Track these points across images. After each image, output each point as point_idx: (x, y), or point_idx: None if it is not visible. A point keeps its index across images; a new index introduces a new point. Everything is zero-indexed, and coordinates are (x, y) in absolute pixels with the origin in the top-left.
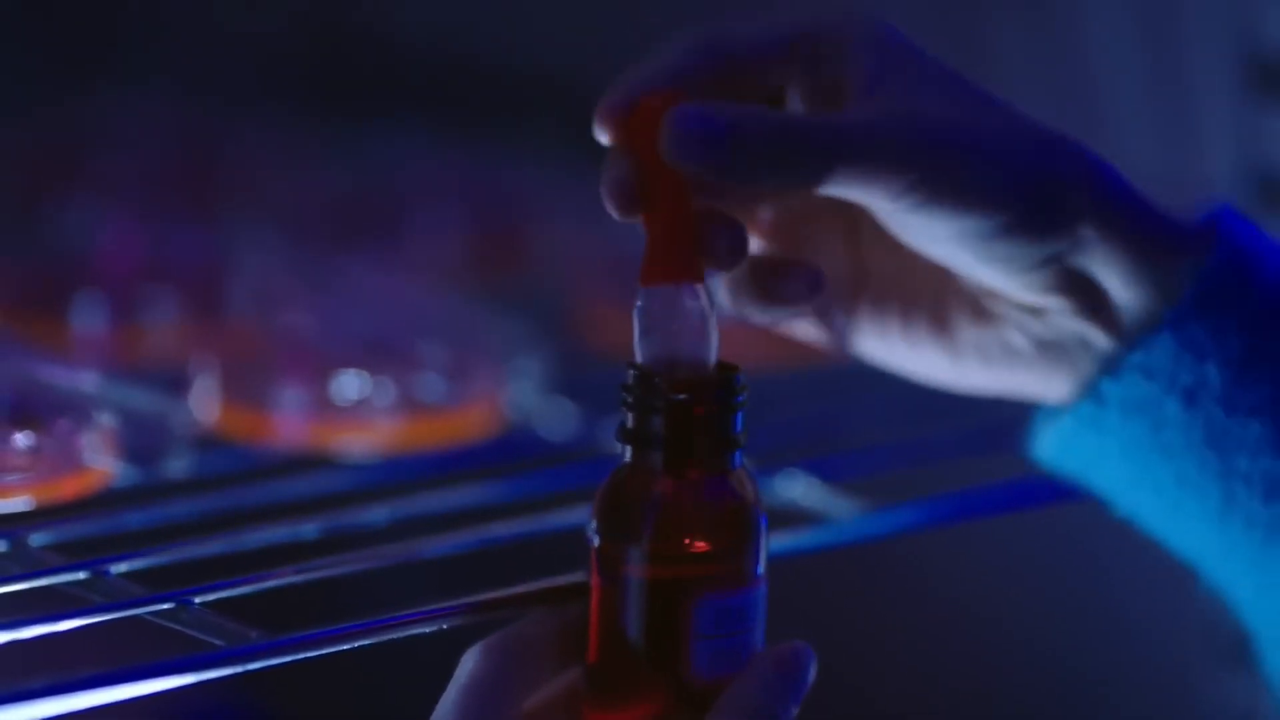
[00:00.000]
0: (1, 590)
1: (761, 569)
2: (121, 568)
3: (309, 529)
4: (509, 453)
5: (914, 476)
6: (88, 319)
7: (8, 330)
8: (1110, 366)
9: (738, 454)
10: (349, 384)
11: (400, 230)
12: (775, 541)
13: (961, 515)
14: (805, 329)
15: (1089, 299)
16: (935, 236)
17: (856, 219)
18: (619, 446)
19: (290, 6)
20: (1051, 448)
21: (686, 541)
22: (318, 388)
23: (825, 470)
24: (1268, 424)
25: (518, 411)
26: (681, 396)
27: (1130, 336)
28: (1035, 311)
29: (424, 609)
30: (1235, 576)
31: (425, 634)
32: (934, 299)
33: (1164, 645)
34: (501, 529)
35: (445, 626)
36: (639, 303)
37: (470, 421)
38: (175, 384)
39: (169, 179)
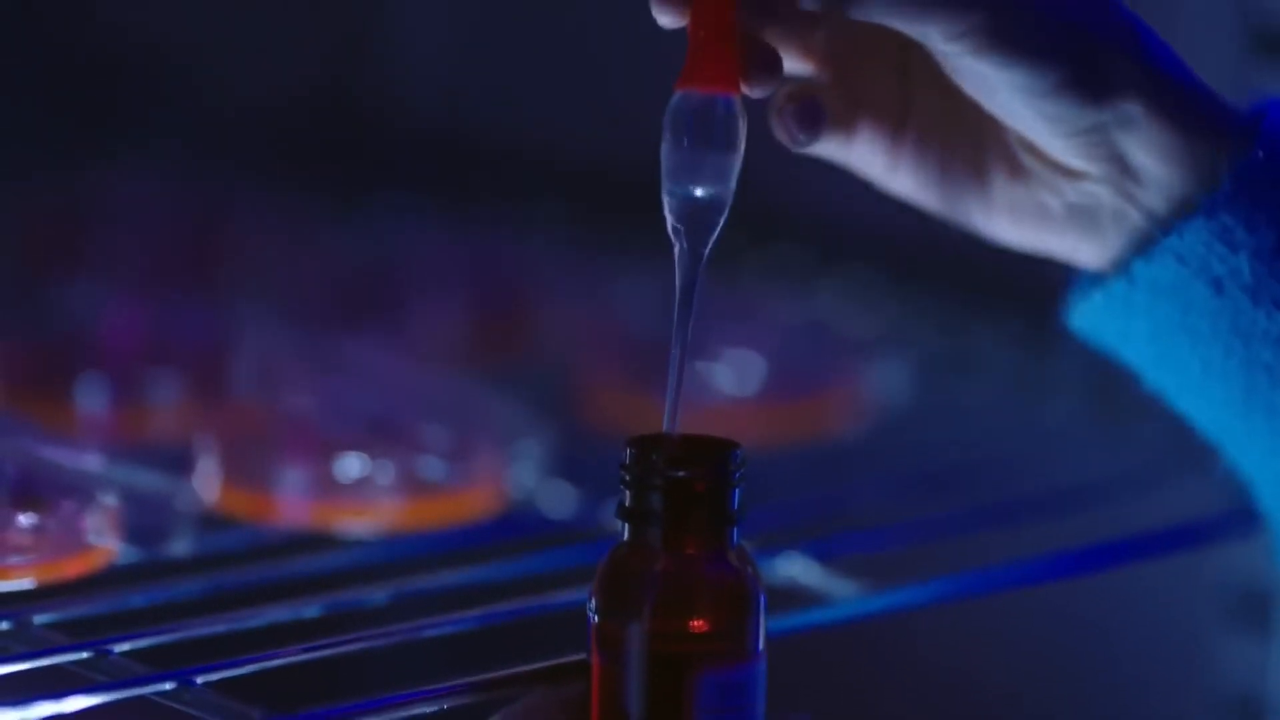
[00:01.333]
0: (5, 670)
1: (761, 644)
2: (124, 647)
3: (311, 608)
4: (511, 532)
5: (916, 555)
6: (91, 399)
7: (12, 410)
8: (1143, 247)
9: (736, 529)
10: (351, 464)
11: (403, 310)
12: (776, 621)
13: (959, 594)
14: (847, 155)
15: (1128, 173)
16: (988, 85)
17: (912, 56)
18: (618, 524)
19: (294, 85)
20: (1084, 319)
21: (687, 618)
22: (320, 467)
23: (826, 550)
24: None
25: (519, 491)
26: (680, 473)
27: (1165, 218)
28: (1073, 176)
29: (426, 688)
30: (1255, 461)
31: (427, 713)
32: (975, 147)
33: None
34: (503, 608)
35: (446, 706)
36: (672, 105)
37: (472, 501)
38: (178, 463)
39: (172, 258)
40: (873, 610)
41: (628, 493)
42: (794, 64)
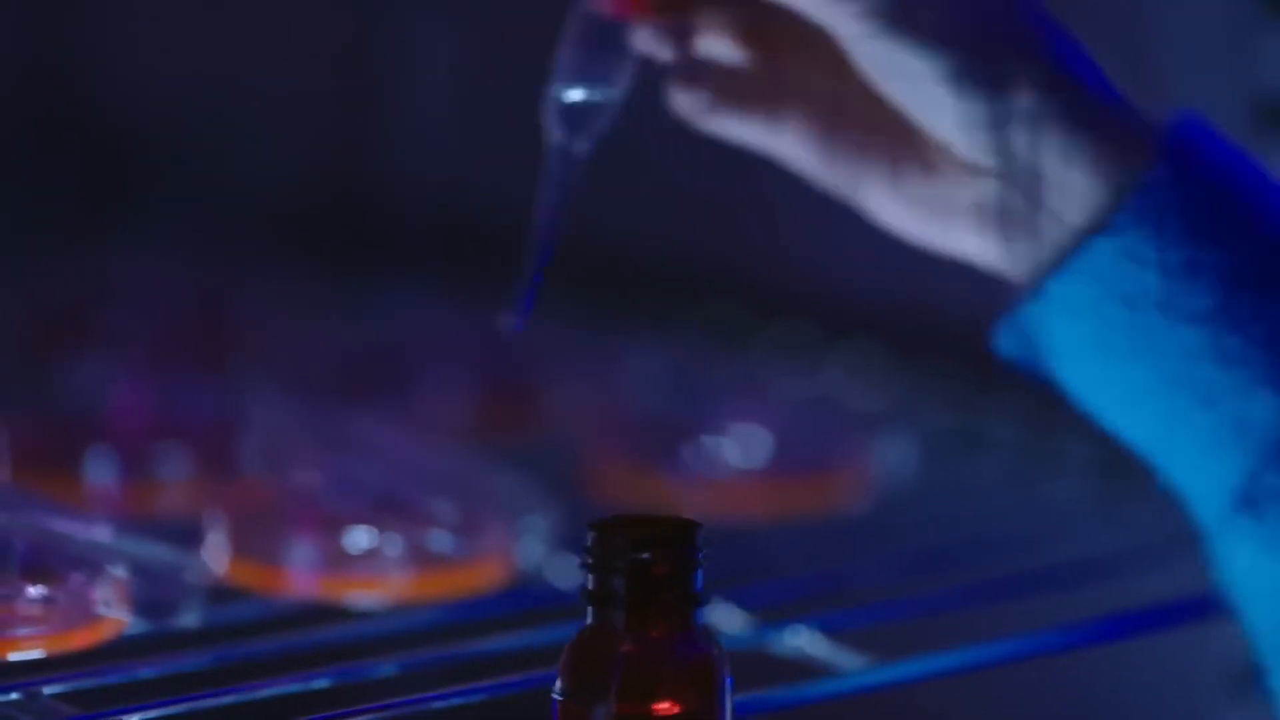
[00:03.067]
0: None
1: None
2: (134, 718)
3: (320, 679)
4: (519, 604)
5: (922, 629)
6: (100, 474)
7: (21, 484)
8: (1054, 265)
9: (700, 611)
10: (359, 537)
11: (409, 388)
12: (783, 693)
13: (966, 667)
14: (778, 147)
15: (1034, 175)
16: (890, 72)
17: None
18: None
19: (301, 166)
20: (1008, 343)
21: (652, 700)
22: (328, 540)
23: (833, 623)
24: (1207, 334)
25: (528, 564)
26: (643, 555)
27: (1075, 232)
28: (979, 173)
29: None
30: (1184, 478)
31: None
32: (890, 142)
33: None
34: (512, 679)
35: None
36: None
37: (480, 574)
38: (187, 537)
39: (180, 336)
40: (880, 682)
41: (589, 575)
42: (722, 48)
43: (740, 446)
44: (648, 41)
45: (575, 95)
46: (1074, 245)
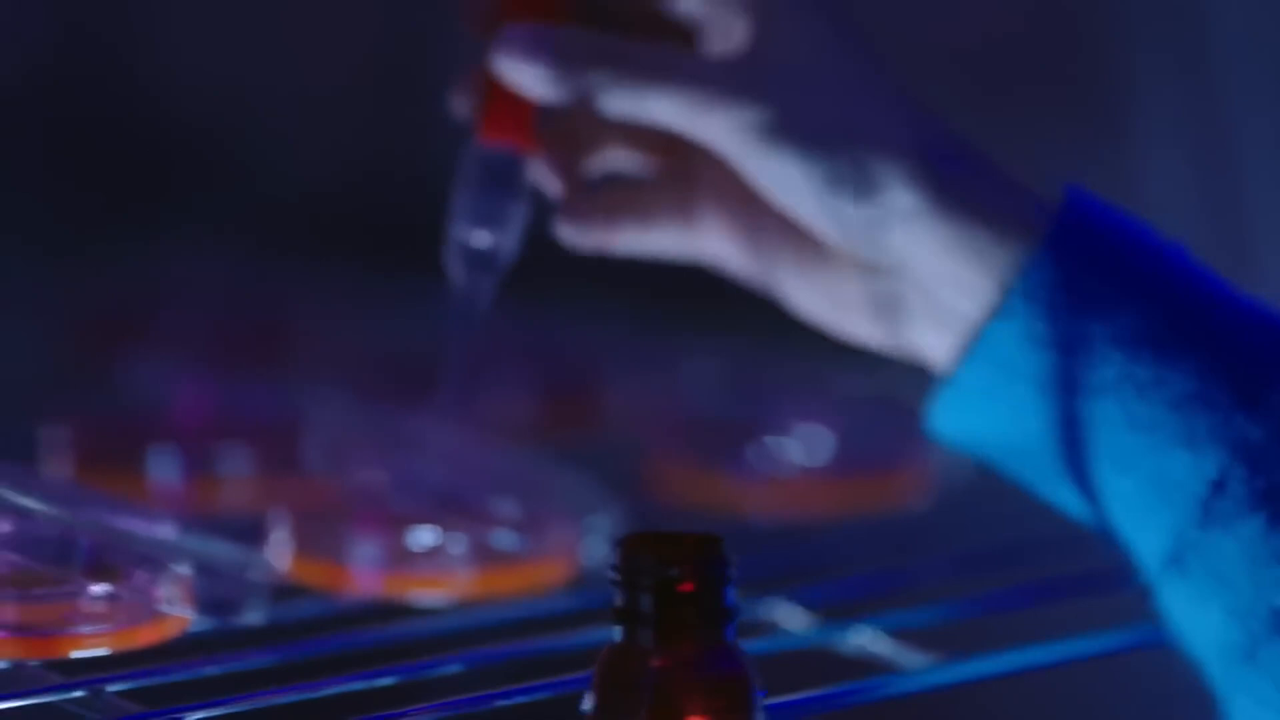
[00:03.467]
0: None
1: None
2: (197, 716)
3: (383, 678)
4: (582, 604)
5: (984, 628)
6: (162, 472)
7: (84, 482)
8: (961, 353)
9: (731, 626)
10: (423, 535)
11: (471, 388)
12: (846, 691)
13: (1033, 667)
14: (699, 248)
15: (920, 269)
16: (766, 180)
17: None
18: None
19: (356, 163)
20: (936, 425)
21: (682, 718)
22: (392, 538)
23: (895, 622)
24: (1115, 403)
25: (591, 562)
26: (671, 572)
27: (972, 321)
28: (870, 269)
29: None
30: (1119, 540)
31: None
32: (798, 237)
33: None
34: (576, 676)
35: None
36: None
37: (544, 572)
38: (250, 535)
39: (239, 334)
40: (944, 681)
41: (618, 593)
42: (623, 156)
43: (802, 445)
44: (541, 174)
45: (476, 239)
46: (973, 334)
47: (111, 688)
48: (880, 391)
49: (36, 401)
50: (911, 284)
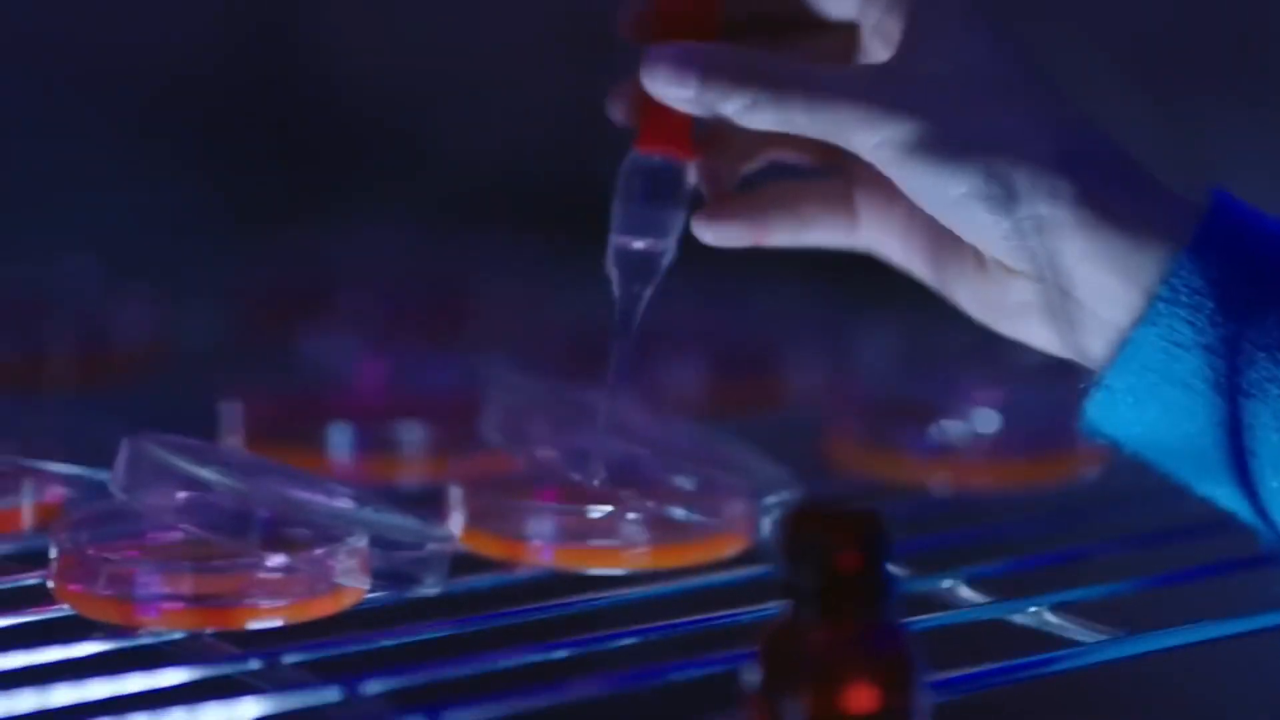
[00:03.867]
0: (255, 707)
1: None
2: (373, 686)
3: (559, 650)
4: (758, 577)
5: (1154, 602)
6: (341, 447)
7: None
8: (1110, 357)
9: (891, 602)
10: (598, 509)
11: (646, 365)
12: (1023, 665)
13: (1201, 640)
14: (863, 244)
15: (1065, 277)
16: (918, 192)
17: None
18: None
19: (534, 142)
20: (1091, 425)
21: (843, 695)
22: (568, 512)
23: (1069, 597)
24: (1262, 404)
25: (768, 539)
26: (832, 548)
27: (1118, 327)
28: (1020, 275)
29: None
30: (1270, 537)
31: None
32: (955, 243)
33: None
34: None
35: None
36: (625, 162)
37: (721, 545)
38: (426, 508)
39: (417, 310)
40: (1120, 655)
41: (783, 569)
42: (790, 152)
43: (978, 422)
44: (699, 178)
45: (635, 245)
46: (1119, 339)
47: (287, 659)
48: (1054, 364)
49: (216, 378)
50: (1059, 291)
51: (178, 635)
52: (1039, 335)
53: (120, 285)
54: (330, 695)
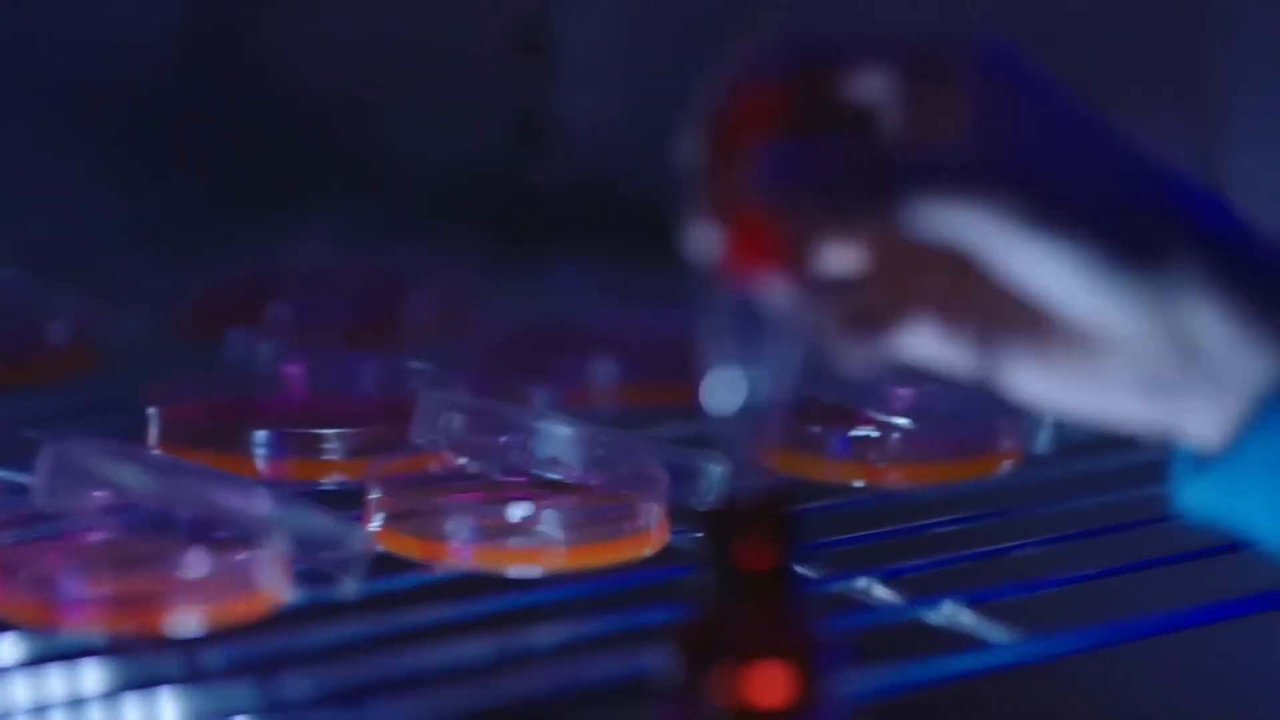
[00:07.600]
0: (176, 708)
1: (830, 703)
2: (295, 687)
3: (478, 650)
4: (677, 577)
5: (1068, 601)
6: (265, 450)
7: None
8: (1246, 426)
9: (795, 594)
10: (516, 509)
11: (568, 363)
12: (935, 666)
13: (1119, 641)
14: (928, 351)
15: (1193, 349)
16: (1029, 270)
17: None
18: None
19: (473, 149)
20: (1196, 500)
21: (747, 688)
22: (486, 512)
23: (982, 597)
24: None
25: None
26: (730, 542)
27: (1255, 394)
28: (1135, 347)
29: None
30: None
31: None
32: (1024, 324)
33: None
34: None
35: None
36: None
37: (636, 546)
38: (348, 509)
39: (350, 311)
40: (1031, 656)
41: (701, 562)
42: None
43: (895, 421)
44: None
45: (740, 392)
46: (1257, 405)
47: (208, 660)
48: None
49: (142, 380)
50: (1183, 365)
51: (98, 637)
52: (1139, 409)
53: (47, 287)
54: (251, 696)
